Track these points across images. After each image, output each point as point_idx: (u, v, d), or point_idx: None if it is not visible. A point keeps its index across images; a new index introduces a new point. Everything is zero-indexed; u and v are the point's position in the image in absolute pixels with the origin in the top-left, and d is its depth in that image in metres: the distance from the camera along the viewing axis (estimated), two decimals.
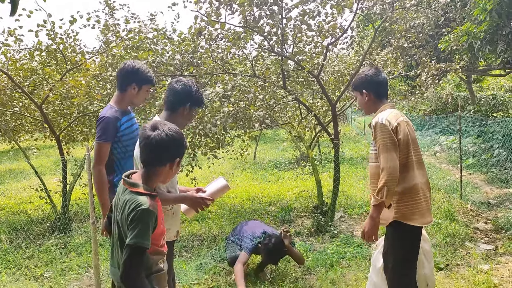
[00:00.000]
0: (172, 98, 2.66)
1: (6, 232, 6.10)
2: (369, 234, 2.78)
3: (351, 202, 6.92)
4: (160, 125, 1.98)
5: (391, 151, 2.62)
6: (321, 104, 7.13)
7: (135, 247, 1.84)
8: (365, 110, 3.03)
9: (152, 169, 2.01)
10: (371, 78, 2.89)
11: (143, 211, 1.86)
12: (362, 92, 2.93)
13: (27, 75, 5.74)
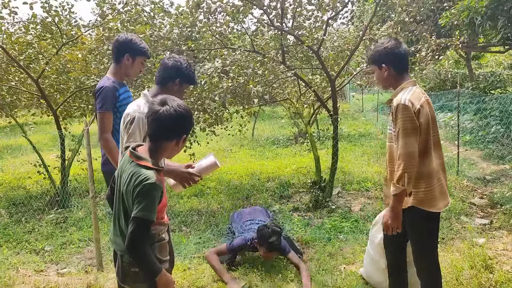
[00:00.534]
0: (163, 73, 2.67)
1: (5, 207, 6.13)
2: (393, 226, 2.60)
3: (349, 178, 6.96)
4: (169, 100, 1.99)
5: (410, 136, 2.45)
6: (320, 80, 7.09)
7: (141, 220, 1.88)
8: (383, 85, 2.80)
9: (158, 144, 2.03)
10: (392, 50, 2.64)
11: (150, 185, 1.88)
12: (381, 66, 2.68)
13: (22, 49, 5.66)
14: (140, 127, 2.47)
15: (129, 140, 2.44)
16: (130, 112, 2.54)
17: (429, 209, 2.61)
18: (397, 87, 2.68)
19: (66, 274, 4.03)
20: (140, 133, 2.47)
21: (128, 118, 2.51)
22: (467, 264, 3.68)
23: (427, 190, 2.58)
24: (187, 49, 5.36)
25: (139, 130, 2.47)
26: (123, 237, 2.00)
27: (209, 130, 6.46)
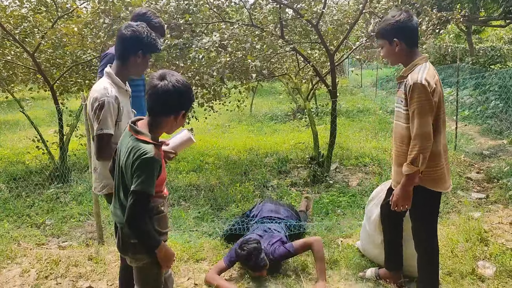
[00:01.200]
0: (121, 47, 2.42)
1: (5, 182, 6.15)
2: (402, 205, 2.60)
3: (347, 154, 6.99)
4: (169, 75, 1.96)
5: (427, 116, 2.40)
6: (319, 55, 7.02)
7: (140, 193, 1.90)
8: (393, 61, 2.68)
9: (157, 119, 2.02)
10: (404, 23, 2.49)
11: (149, 159, 1.89)
12: (392, 41, 2.54)
13: (17, 23, 5.57)
14: (111, 112, 2.35)
15: (100, 127, 2.34)
16: (98, 96, 2.36)
17: (437, 189, 2.62)
18: (408, 63, 2.58)
19: (68, 247, 4.08)
20: (111, 117, 2.36)
21: (97, 103, 2.34)
22: (462, 237, 3.74)
23: (436, 170, 2.57)
24: (185, 22, 5.28)
25: (110, 115, 2.35)
26: (122, 210, 2.02)
27: (207, 106, 6.44)
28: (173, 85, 1.94)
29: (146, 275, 2.12)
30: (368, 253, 3.53)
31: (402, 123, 2.59)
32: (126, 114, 2.50)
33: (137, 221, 1.94)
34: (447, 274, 3.21)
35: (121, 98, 2.45)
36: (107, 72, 2.47)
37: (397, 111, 2.67)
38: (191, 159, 7.17)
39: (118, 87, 2.46)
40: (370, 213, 3.45)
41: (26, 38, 5.90)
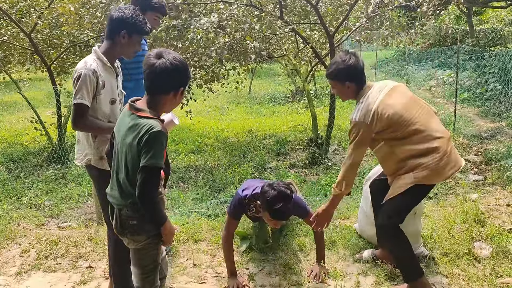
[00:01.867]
0: (108, 26, 2.51)
1: (3, 163, 6.15)
2: (322, 224, 2.93)
3: (346, 136, 6.99)
4: (165, 53, 1.96)
5: (358, 147, 2.69)
6: (318, 36, 6.95)
7: (152, 168, 1.91)
8: (345, 98, 2.91)
9: (156, 97, 2.02)
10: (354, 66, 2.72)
11: (157, 133, 1.90)
12: (344, 83, 2.76)
13: (13, 2, 5.49)
14: (87, 84, 2.38)
15: (75, 97, 2.38)
16: (78, 68, 2.43)
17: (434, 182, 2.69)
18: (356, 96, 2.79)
19: (67, 228, 4.11)
20: (87, 89, 2.39)
21: (76, 74, 2.41)
22: (459, 218, 3.77)
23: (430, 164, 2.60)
24: (183, 2, 5.21)
25: (86, 86, 2.38)
26: (121, 191, 2.03)
27: (205, 87, 6.41)
28: (170, 62, 1.94)
29: (144, 255, 2.13)
30: (366, 234, 3.55)
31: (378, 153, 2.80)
32: (108, 90, 2.52)
33: (151, 195, 1.95)
34: (443, 255, 3.24)
35: (103, 73, 2.48)
36: (94, 49, 2.53)
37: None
38: (190, 141, 7.17)
39: (103, 64, 2.50)
40: (367, 193, 3.46)
41: (22, 18, 5.83)
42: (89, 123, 2.45)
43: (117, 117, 2.54)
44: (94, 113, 2.46)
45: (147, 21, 3.08)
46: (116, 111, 2.59)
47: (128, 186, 2.00)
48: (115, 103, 2.58)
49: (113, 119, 2.55)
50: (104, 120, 2.52)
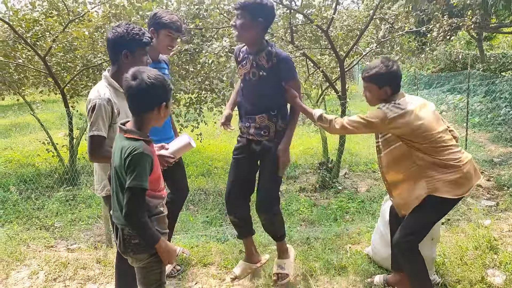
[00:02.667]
0: (109, 50, 2.51)
1: (15, 184, 6.20)
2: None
3: (356, 160, 6.96)
4: (139, 73, 2.00)
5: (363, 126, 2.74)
6: (328, 60, 7.01)
7: (135, 188, 1.96)
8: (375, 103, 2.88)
9: (141, 117, 2.07)
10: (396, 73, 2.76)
11: (139, 155, 1.96)
12: (382, 87, 2.76)
13: (29, 26, 5.63)
14: (102, 114, 2.37)
15: (92, 129, 2.37)
16: (91, 98, 2.41)
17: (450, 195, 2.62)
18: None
19: (76, 250, 4.10)
20: (103, 120, 2.38)
21: (90, 105, 2.39)
22: (471, 245, 3.69)
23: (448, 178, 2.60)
24: (195, 27, 5.30)
25: (101, 117, 2.37)
26: (122, 211, 2.06)
27: (216, 110, 6.45)
28: (145, 81, 1.98)
29: (148, 274, 2.15)
30: (379, 256, 3.48)
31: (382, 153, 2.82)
32: (124, 117, 2.49)
33: (135, 216, 1.99)
34: (456, 282, 3.17)
35: (117, 100, 2.46)
36: (104, 75, 2.53)
37: (377, 149, 2.91)
38: (200, 163, 7.18)
39: (115, 89, 2.49)
40: (385, 213, 3.41)
41: (37, 41, 5.97)
42: (107, 153, 2.40)
43: None
44: (110, 142, 2.42)
45: (162, 39, 3.15)
46: None
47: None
48: None
49: None
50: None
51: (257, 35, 2.81)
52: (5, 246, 4.04)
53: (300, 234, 4.31)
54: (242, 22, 2.75)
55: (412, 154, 2.66)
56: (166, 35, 3.14)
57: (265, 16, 2.76)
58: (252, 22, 2.74)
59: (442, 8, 7.57)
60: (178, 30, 3.20)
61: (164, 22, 3.09)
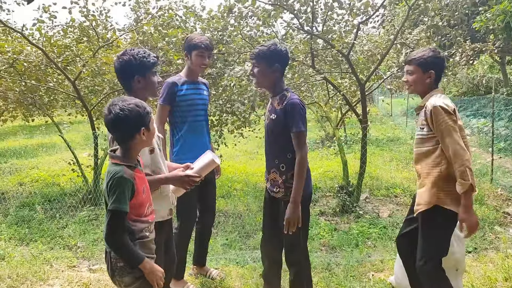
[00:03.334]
0: (120, 79, 2.58)
1: (40, 203, 6.35)
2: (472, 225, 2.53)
3: (377, 184, 6.88)
4: (113, 106, 2.09)
5: (456, 132, 2.54)
6: (349, 84, 7.04)
7: (114, 211, 2.02)
8: (416, 88, 2.81)
9: (125, 145, 2.16)
10: (442, 61, 2.77)
11: (119, 179, 2.04)
12: (427, 71, 2.73)
13: (60, 52, 5.86)
14: None
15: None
16: None
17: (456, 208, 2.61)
18: (426, 92, 2.78)
19: (98, 270, 4.14)
20: None
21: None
22: (501, 276, 3.58)
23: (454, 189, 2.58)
24: (218, 52, 5.43)
25: None
26: None
27: (237, 132, 6.52)
28: (119, 114, 2.07)
29: None
30: (402, 287, 3.41)
31: (425, 147, 2.71)
32: None
33: (114, 237, 2.05)
34: None
35: None
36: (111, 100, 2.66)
37: (418, 138, 2.79)
38: (220, 185, 7.21)
39: None
40: None
41: (68, 66, 6.20)
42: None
43: (158, 165, 2.60)
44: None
45: (195, 60, 3.31)
46: (156, 160, 2.59)
47: None
48: (154, 151, 2.57)
49: (155, 168, 2.57)
50: (148, 172, 2.52)
51: (275, 80, 2.90)
52: (30, 265, 4.12)
53: (321, 259, 4.26)
54: (259, 70, 2.87)
55: (441, 160, 2.62)
56: (197, 55, 3.33)
57: (280, 61, 2.86)
58: (268, 68, 2.85)
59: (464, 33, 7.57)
60: (207, 48, 3.37)
61: (194, 44, 3.31)
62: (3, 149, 11.22)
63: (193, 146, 3.40)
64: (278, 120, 2.84)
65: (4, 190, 6.99)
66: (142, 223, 2.18)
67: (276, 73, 2.87)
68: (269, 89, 2.97)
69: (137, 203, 2.13)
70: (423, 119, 2.70)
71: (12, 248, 4.74)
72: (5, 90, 6.14)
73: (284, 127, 2.82)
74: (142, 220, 2.18)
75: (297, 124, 2.77)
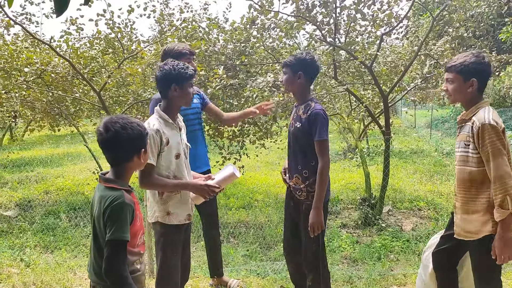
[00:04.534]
0: (159, 86, 2.69)
1: (65, 211, 6.48)
2: (507, 255, 2.40)
3: (400, 196, 6.77)
4: (111, 124, 1.91)
5: (503, 155, 2.34)
6: (372, 95, 6.98)
7: (115, 241, 1.85)
8: (457, 98, 2.59)
9: (120, 167, 2.00)
10: (486, 67, 2.49)
11: (119, 205, 1.87)
12: (468, 80, 2.48)
13: (87, 63, 6.02)
14: (151, 143, 2.52)
15: None
16: None
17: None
18: (471, 105, 2.53)
19: None
20: (152, 149, 2.53)
21: None
22: None
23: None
24: (240, 63, 5.48)
25: (150, 146, 2.51)
26: (93, 268, 1.97)
27: (258, 143, 6.53)
28: (120, 133, 1.90)
29: None
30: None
31: (471, 167, 2.49)
32: (173, 146, 2.67)
33: (116, 271, 1.85)
34: None
35: (166, 130, 2.65)
36: (156, 109, 2.73)
37: (461, 156, 2.55)
38: (241, 196, 7.22)
39: (165, 121, 2.68)
40: (427, 262, 3.27)
41: (93, 77, 6.35)
42: (155, 181, 2.59)
43: (182, 171, 2.71)
44: (158, 170, 2.60)
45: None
46: (181, 165, 2.71)
47: (100, 263, 1.90)
48: (180, 157, 2.70)
49: (178, 173, 2.69)
50: (170, 176, 2.65)
51: (301, 87, 3.01)
52: (54, 273, 4.20)
53: (342, 272, 4.20)
54: (286, 77, 3.01)
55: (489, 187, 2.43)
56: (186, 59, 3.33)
57: (305, 70, 2.95)
58: (294, 76, 2.97)
59: (490, 44, 7.43)
60: (192, 53, 3.44)
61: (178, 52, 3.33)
62: (30, 158, 11.52)
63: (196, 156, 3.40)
64: (302, 128, 2.95)
65: (31, 198, 7.16)
66: (133, 256, 2.02)
67: (301, 80, 2.96)
68: (295, 95, 3.10)
69: (131, 232, 1.94)
70: (469, 135, 2.47)
71: (37, 255, 4.84)
72: (33, 100, 6.33)
73: (308, 135, 2.92)
74: (134, 251, 2.01)
75: (320, 133, 2.87)
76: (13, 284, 3.86)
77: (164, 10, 6.63)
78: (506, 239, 2.37)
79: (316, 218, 2.89)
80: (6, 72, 5.65)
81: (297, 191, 3.08)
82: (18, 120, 9.00)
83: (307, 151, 2.98)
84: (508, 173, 2.33)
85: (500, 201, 2.33)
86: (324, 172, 2.90)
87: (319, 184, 2.90)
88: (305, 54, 2.99)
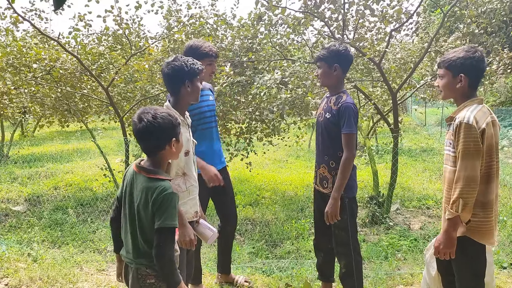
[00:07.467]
0: (170, 83, 2.65)
1: (73, 207, 6.52)
2: (444, 252, 2.43)
3: (409, 195, 6.70)
4: (144, 114, 2.02)
5: (473, 158, 2.25)
6: (380, 93, 6.90)
7: (167, 229, 1.98)
8: (448, 95, 2.51)
9: (155, 156, 2.11)
10: (477, 63, 2.37)
11: (169, 195, 1.99)
12: (457, 75, 2.39)
13: (95, 59, 6.04)
14: None
15: None
16: None
17: (483, 242, 2.42)
18: (461, 102, 2.44)
19: None
20: None
21: None
22: None
23: (483, 222, 2.38)
24: (248, 60, 5.45)
25: None
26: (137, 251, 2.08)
27: (266, 140, 6.51)
28: (151, 123, 2.00)
29: None
30: None
31: (450, 166, 2.44)
32: (185, 143, 2.62)
33: (168, 257, 1.99)
34: None
35: None
36: (165, 105, 2.70)
37: (446, 154, 2.50)
38: (248, 193, 7.21)
39: None
40: (430, 265, 3.22)
41: (101, 73, 6.37)
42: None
43: (191, 168, 2.70)
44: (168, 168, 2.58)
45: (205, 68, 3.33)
46: (190, 162, 2.69)
47: (145, 247, 2.05)
48: (189, 154, 2.68)
49: (187, 170, 2.67)
50: (179, 173, 2.64)
51: (337, 79, 3.03)
52: (60, 268, 4.22)
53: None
54: (322, 71, 3.03)
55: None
56: (207, 63, 3.30)
57: (340, 61, 2.96)
58: (330, 69, 2.99)
59: (502, 40, 7.30)
60: (216, 56, 3.39)
61: (204, 52, 3.27)
62: (40, 154, 11.62)
63: (203, 154, 3.37)
64: (332, 119, 2.98)
65: (40, 193, 7.22)
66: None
67: (337, 72, 2.99)
68: (329, 88, 3.11)
69: None
70: (451, 133, 2.39)
71: (44, 250, 4.87)
72: (42, 96, 6.37)
73: (337, 126, 2.96)
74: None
75: (348, 125, 2.91)
76: (20, 278, 3.89)
77: (171, 6, 6.62)
78: (449, 237, 2.38)
79: (332, 208, 2.95)
80: (15, 68, 5.69)
81: (324, 182, 3.14)
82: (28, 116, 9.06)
83: (335, 142, 3.00)
84: (470, 178, 2.25)
85: (452, 202, 2.31)
86: (347, 164, 2.92)
87: (340, 175, 2.94)
88: (338, 45, 2.97)
